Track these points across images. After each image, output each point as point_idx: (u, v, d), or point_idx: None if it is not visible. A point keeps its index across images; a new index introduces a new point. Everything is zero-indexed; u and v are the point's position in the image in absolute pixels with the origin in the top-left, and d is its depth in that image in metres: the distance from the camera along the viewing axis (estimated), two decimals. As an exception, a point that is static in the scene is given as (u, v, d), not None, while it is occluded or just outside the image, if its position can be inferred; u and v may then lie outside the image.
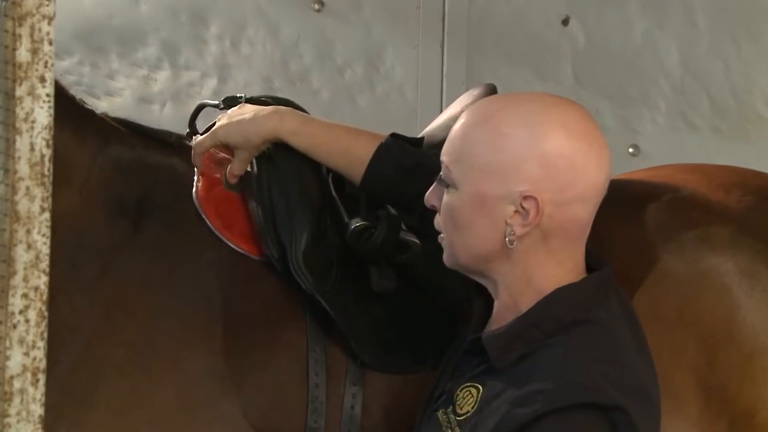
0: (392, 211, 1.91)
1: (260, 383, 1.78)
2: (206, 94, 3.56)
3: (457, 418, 1.52)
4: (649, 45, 4.20)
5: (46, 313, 1.31)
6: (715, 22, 4.27)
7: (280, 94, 2.18)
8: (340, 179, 1.95)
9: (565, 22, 4.09)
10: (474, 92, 2.30)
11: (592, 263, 1.59)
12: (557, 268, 1.53)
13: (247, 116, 1.88)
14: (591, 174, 1.50)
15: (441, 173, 1.58)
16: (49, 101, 1.29)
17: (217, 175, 1.95)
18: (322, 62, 3.75)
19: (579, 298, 1.53)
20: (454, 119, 2.20)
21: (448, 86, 3.88)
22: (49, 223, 1.31)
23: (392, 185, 1.87)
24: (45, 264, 1.31)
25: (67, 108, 1.78)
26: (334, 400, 1.78)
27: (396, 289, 1.86)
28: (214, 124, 2.09)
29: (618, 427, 1.41)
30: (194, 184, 1.91)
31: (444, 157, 1.57)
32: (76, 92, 1.91)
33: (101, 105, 1.96)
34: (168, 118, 3.44)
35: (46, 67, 1.28)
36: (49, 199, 1.31)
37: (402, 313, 1.88)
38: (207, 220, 1.86)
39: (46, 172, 1.30)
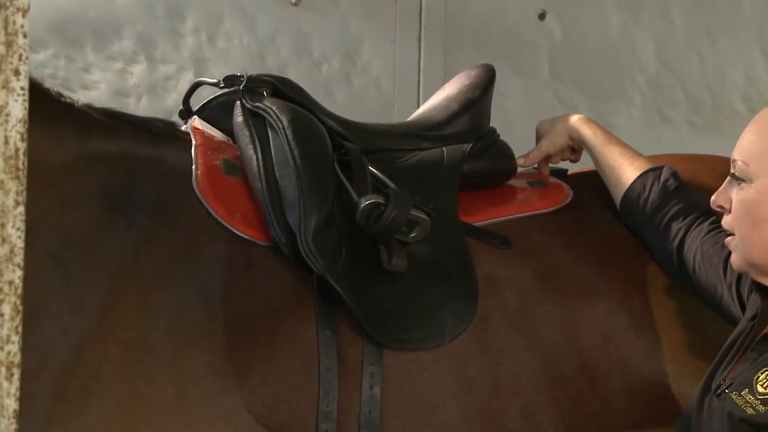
0: (393, 187, 1.89)
1: (264, 375, 1.74)
2: (182, 88, 3.52)
3: (760, 397, 1.57)
4: (625, 40, 4.22)
5: (20, 308, 1.30)
6: (690, 17, 4.30)
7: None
8: (345, 161, 1.94)
9: (542, 16, 4.11)
10: (471, 72, 2.30)
11: None
12: None
13: (552, 121, 2.27)
14: None
15: (733, 171, 1.67)
16: (23, 94, 1.28)
17: (216, 162, 1.92)
18: (299, 56, 3.74)
19: None
20: (450, 99, 2.22)
21: (425, 80, 3.88)
22: (23, 217, 1.30)
23: (644, 210, 2.03)
24: (20, 258, 1.30)
25: (40, 102, 1.71)
26: (348, 383, 1.76)
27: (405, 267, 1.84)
28: (210, 101, 2.07)
29: None
30: (193, 172, 1.86)
31: (737, 154, 1.66)
32: (52, 85, 1.87)
33: (76, 98, 1.91)
34: (144, 112, 3.41)
35: (20, 60, 1.27)
36: (24, 193, 1.30)
37: (413, 291, 1.86)
38: (210, 208, 1.82)
39: (21, 166, 1.29)
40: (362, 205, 1.81)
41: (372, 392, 1.76)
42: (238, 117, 1.99)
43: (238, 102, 2.01)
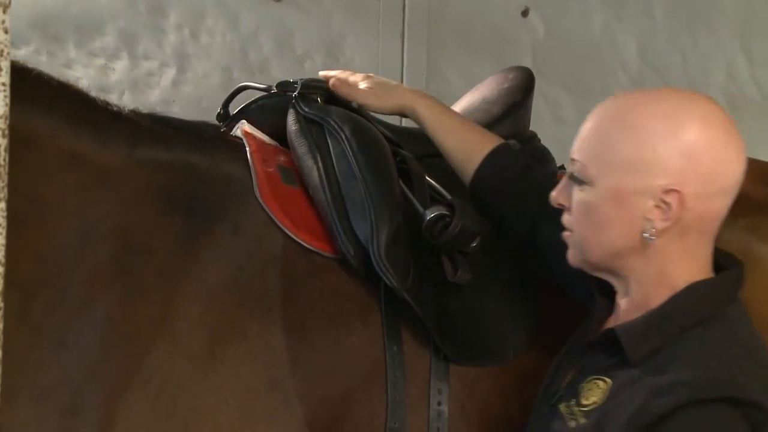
0: (449, 196, 1.86)
1: (328, 391, 1.70)
2: (165, 84, 3.53)
3: (582, 408, 1.52)
4: (608, 37, 4.23)
5: (1, 304, 1.30)
6: (672, 14, 4.32)
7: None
8: (406, 172, 1.90)
9: (525, 13, 4.11)
10: (509, 75, 2.26)
11: (720, 261, 1.59)
12: (691, 264, 1.53)
13: (393, 83, 2.05)
14: (732, 166, 1.50)
15: (572, 171, 1.58)
16: (4, 90, 1.28)
17: (272, 170, 1.87)
18: (282, 52, 3.73)
19: (715, 294, 1.53)
20: (490, 102, 2.16)
21: (408, 77, 3.88)
22: (5, 214, 1.29)
23: (503, 180, 1.90)
24: (1, 254, 1.29)
25: (86, 109, 1.72)
26: (414, 400, 1.73)
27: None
28: (249, 105, 2.02)
29: (758, 427, 1.39)
30: (253, 180, 1.81)
31: (577, 155, 1.57)
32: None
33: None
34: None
35: (1, 56, 1.27)
36: (5, 190, 1.29)
37: (475, 305, 1.83)
38: (274, 217, 1.78)
39: (2, 162, 1.29)
40: (428, 217, 1.78)
41: (440, 409, 1.74)
42: (293, 125, 1.94)
43: (292, 109, 1.96)
